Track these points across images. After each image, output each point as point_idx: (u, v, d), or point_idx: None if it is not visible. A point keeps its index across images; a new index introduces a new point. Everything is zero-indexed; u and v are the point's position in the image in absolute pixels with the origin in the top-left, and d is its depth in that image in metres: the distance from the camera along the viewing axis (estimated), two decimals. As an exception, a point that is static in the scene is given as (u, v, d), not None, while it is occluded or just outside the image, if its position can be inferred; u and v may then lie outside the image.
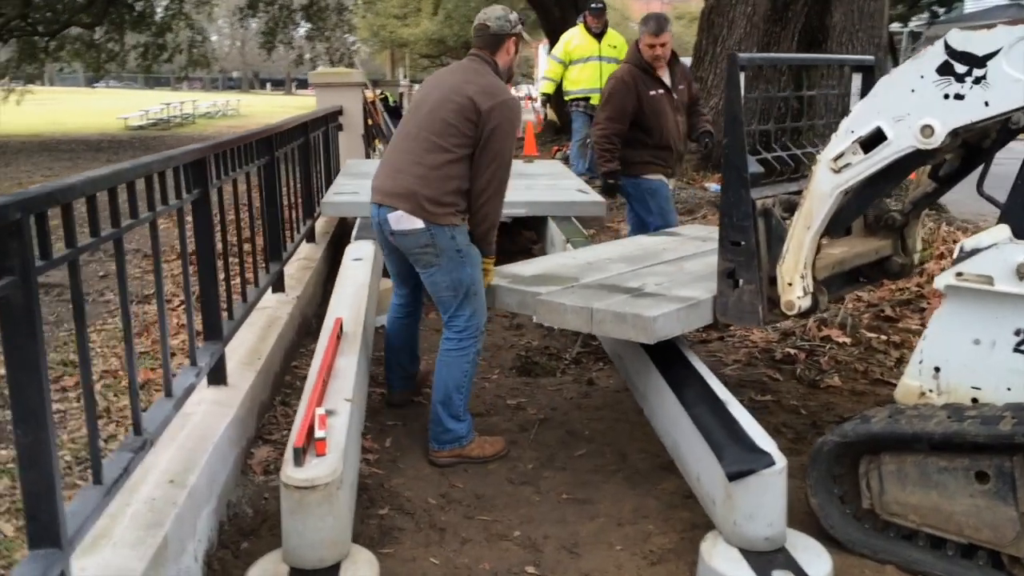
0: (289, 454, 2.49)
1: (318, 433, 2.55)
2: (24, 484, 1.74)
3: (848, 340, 4.79)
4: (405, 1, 31.12)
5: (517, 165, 8.05)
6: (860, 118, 2.83)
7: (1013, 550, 2.53)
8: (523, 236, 6.97)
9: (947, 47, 2.64)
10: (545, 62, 10.23)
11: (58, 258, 1.85)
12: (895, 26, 26.49)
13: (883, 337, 4.80)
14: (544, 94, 10.00)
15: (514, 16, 3.50)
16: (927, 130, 2.68)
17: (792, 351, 4.66)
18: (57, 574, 1.75)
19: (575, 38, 9.18)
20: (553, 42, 20.89)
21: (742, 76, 3.12)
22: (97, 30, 20.73)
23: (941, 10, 30.19)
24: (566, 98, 9.37)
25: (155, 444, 2.64)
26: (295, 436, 2.55)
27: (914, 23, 29.32)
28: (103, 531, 2.16)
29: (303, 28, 24.95)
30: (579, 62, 9.08)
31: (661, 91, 5.01)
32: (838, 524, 2.82)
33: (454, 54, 42.50)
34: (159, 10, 21.64)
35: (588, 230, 7.49)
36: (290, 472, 2.43)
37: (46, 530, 1.75)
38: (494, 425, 3.86)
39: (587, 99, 9.02)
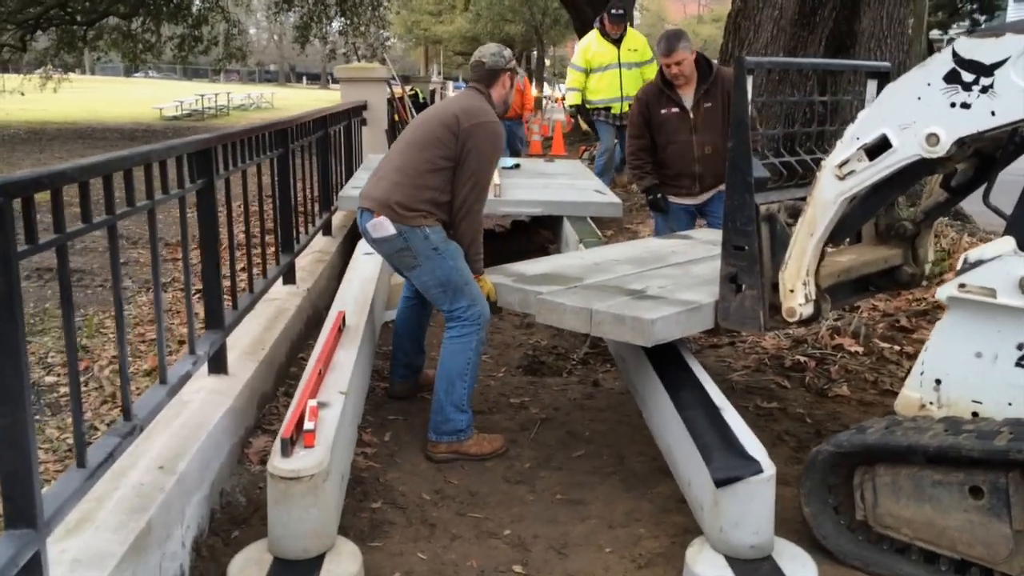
0: (277, 445, 2.51)
1: (307, 425, 2.56)
2: (1, 465, 1.76)
3: (860, 349, 4.73)
4: (439, -2, 31.22)
5: (537, 164, 8.07)
6: (866, 125, 2.80)
7: (1006, 568, 2.49)
8: (540, 235, 6.98)
9: (955, 55, 2.59)
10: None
11: (43, 243, 1.87)
12: (935, 33, 26.17)
13: (896, 347, 4.74)
14: (572, 106, 9.17)
15: (507, 53, 3.74)
16: (932, 139, 2.64)
17: (802, 359, 4.62)
18: (31, 555, 1.77)
19: (592, 44, 8.64)
20: (585, 42, 20.92)
21: (749, 80, 3.09)
22: (134, 21, 21.00)
23: (982, 17, 29.79)
24: (587, 107, 8.88)
25: (148, 430, 2.68)
26: (284, 427, 2.57)
27: (954, 30, 28.97)
28: (87, 514, 2.19)
29: (338, 23, 25.11)
30: (598, 71, 8.58)
31: (674, 110, 4.82)
32: (831, 535, 2.79)
33: (488, 52, 42.52)
34: (196, 2, 21.88)
35: (607, 231, 7.49)
36: (276, 463, 2.45)
37: (22, 511, 1.77)
38: (495, 423, 3.86)
39: (608, 109, 8.63)
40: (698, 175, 4.92)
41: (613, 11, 8.41)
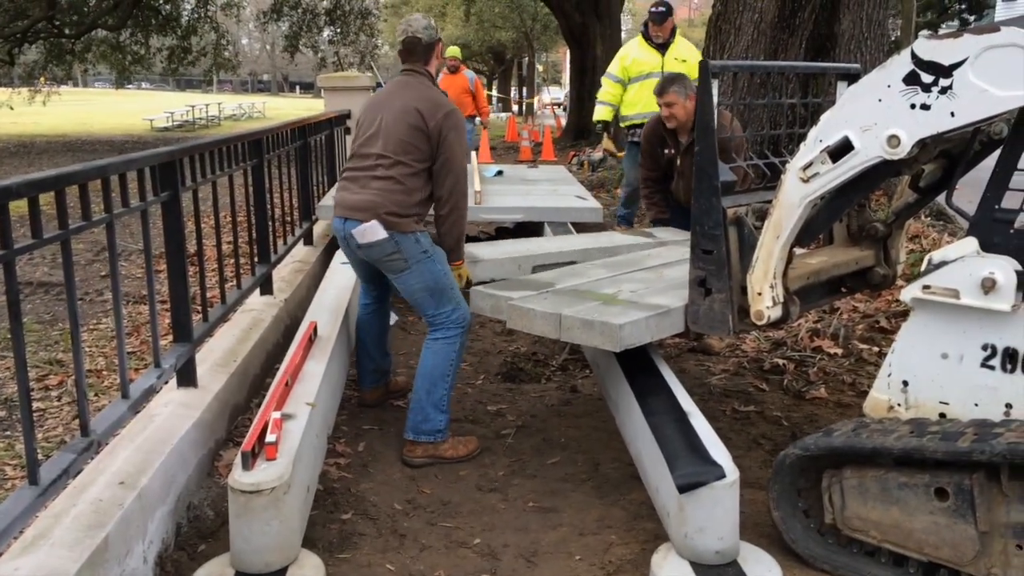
0: (238, 458, 2.49)
1: (268, 437, 2.55)
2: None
3: (840, 351, 4.73)
4: (430, 6, 31.24)
5: (519, 170, 8.06)
6: (828, 127, 2.79)
7: (972, 569, 2.48)
8: (524, 241, 6.97)
9: (914, 56, 2.59)
10: (568, 74, 8.27)
11: (-12, 259, 1.86)
12: (924, 34, 26.25)
13: (875, 349, 4.74)
14: (600, 121, 7.49)
15: (432, 21, 3.68)
16: (893, 140, 2.64)
17: (781, 361, 4.61)
18: (-24, 574, 1.76)
19: (632, 50, 7.19)
20: (575, 48, 20.95)
21: (715, 84, 3.09)
22: (122, 32, 20.99)
23: (971, 17, 29.90)
24: (621, 124, 7.44)
25: (112, 445, 2.67)
26: (246, 440, 2.55)
27: (944, 31, 29.05)
28: (43, 531, 2.17)
29: (328, 31, 25.12)
30: (637, 80, 7.09)
31: (672, 151, 4.71)
32: (800, 539, 2.77)
33: (480, 58, 42.61)
34: (185, 13, 21.87)
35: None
36: (237, 476, 2.43)
37: (-34, 530, 1.76)
38: (471, 431, 3.84)
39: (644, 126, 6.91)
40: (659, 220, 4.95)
41: (653, 8, 6.97)
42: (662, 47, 7.06)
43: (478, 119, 11.63)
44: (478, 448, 3.60)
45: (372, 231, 3.41)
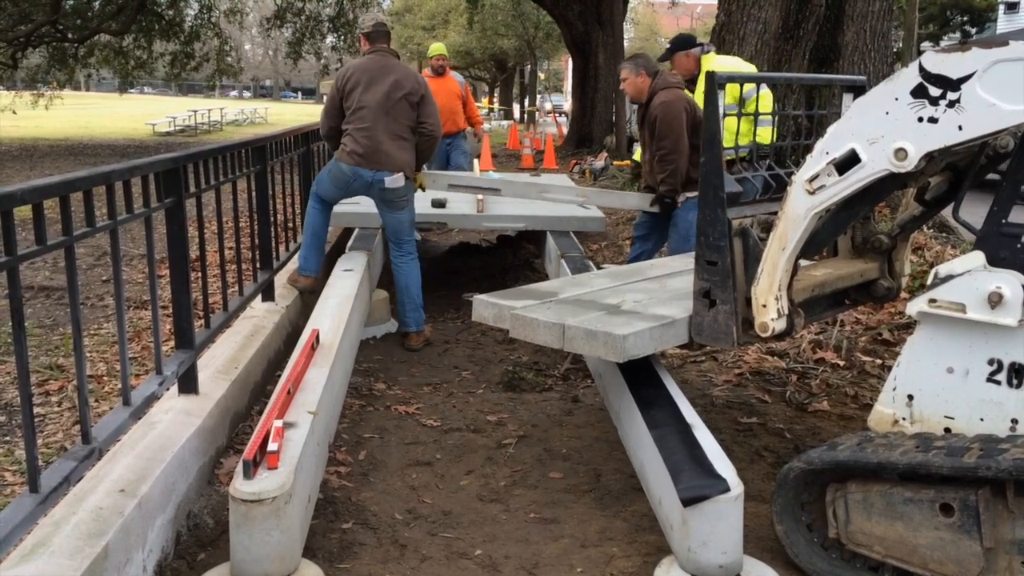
0: (240, 467, 2.47)
1: (271, 446, 2.53)
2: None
3: (842, 363, 4.71)
4: (433, 13, 31.31)
5: (523, 178, 8.04)
6: (835, 139, 2.78)
7: (977, 586, 2.46)
8: (525, 250, 6.97)
9: (922, 69, 2.58)
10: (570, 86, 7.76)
11: (-8, 266, 1.85)
12: (926, 45, 26.35)
13: (878, 361, 4.72)
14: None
15: None
16: (901, 153, 2.63)
17: (783, 372, 4.59)
18: (-25, 583, 1.74)
19: None
20: (577, 57, 20.96)
21: (721, 95, 3.08)
22: (126, 37, 21.01)
23: (973, 29, 30.00)
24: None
25: (113, 452, 2.65)
26: (248, 448, 2.54)
27: (945, 43, 29.27)
28: (43, 539, 2.16)
29: (331, 38, 25.15)
30: None
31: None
32: (803, 553, 2.76)
33: (482, 66, 42.69)
34: (188, 19, 21.92)
35: (592, 245, 7.48)
36: (238, 485, 2.42)
37: (-34, 538, 1.75)
38: (472, 440, 3.83)
39: None
40: (648, 186, 5.31)
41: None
42: (690, 83, 5.73)
43: (469, 129, 9.32)
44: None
45: (400, 179, 4.82)
